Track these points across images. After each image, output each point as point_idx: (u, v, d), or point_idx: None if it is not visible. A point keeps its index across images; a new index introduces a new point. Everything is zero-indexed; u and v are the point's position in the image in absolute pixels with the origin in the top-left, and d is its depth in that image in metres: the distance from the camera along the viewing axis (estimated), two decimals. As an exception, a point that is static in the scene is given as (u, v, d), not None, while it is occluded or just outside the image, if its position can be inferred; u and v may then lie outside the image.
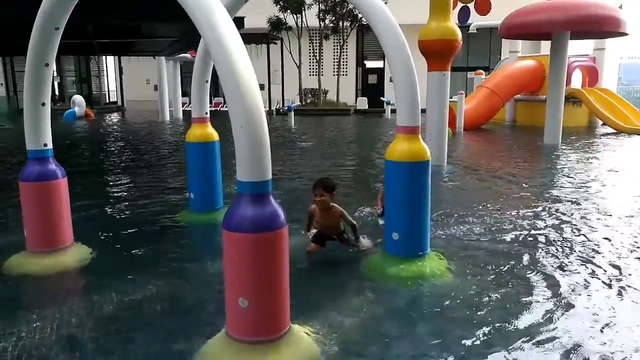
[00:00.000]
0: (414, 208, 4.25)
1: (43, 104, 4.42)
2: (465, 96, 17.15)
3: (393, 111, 23.07)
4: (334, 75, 28.40)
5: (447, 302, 3.79)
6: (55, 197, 4.52)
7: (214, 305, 3.67)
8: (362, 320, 3.52)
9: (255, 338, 2.87)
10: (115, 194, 7.76)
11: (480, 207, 6.55)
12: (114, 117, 26.31)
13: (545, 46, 18.13)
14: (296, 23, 26.08)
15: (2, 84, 30.97)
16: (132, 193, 7.81)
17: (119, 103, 33.20)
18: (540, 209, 6.52)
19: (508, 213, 6.28)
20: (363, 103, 28.95)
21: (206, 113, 5.94)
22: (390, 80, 27.61)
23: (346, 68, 30.19)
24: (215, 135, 5.94)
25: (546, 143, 13.14)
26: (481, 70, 22.43)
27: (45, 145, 4.49)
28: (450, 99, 11.40)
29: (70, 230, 4.75)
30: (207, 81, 5.87)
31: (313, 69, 28.79)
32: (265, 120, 2.87)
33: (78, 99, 24.94)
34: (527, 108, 19.27)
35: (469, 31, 23.58)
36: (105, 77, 35.75)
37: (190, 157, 5.93)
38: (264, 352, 2.86)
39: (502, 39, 19.60)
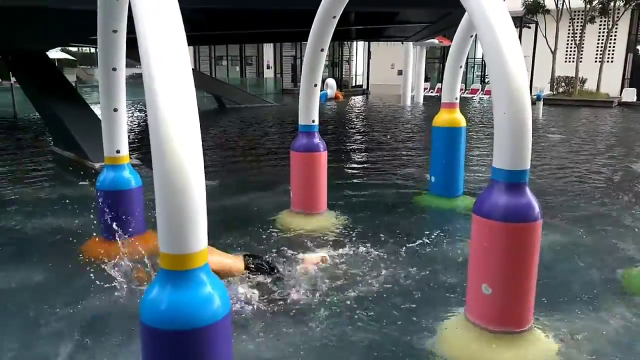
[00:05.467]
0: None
1: (315, 85, 5.04)
2: None
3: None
4: (595, 62, 25.13)
5: None
6: (317, 167, 5.15)
7: (446, 288, 3.74)
8: (613, 335, 3.15)
9: (495, 327, 2.84)
10: (357, 169, 8.42)
11: None
12: (359, 99, 28.12)
13: None
14: (556, 5, 23.79)
15: (271, 67, 35.97)
16: (374, 169, 8.38)
17: (364, 87, 35.33)
18: None
19: None
20: (630, 95, 24.94)
21: (456, 98, 5.94)
22: (674, 69, 22.59)
23: (612, 54, 26.36)
24: (462, 121, 5.91)
25: None
26: None
27: (313, 121, 5.12)
28: None
29: (325, 198, 5.35)
30: (460, 67, 5.85)
31: (570, 54, 25.96)
32: (530, 108, 2.76)
33: (331, 81, 27.40)
34: None
35: None
36: (354, 61, 38.33)
37: (436, 141, 6.02)
38: (502, 343, 2.81)
39: None
